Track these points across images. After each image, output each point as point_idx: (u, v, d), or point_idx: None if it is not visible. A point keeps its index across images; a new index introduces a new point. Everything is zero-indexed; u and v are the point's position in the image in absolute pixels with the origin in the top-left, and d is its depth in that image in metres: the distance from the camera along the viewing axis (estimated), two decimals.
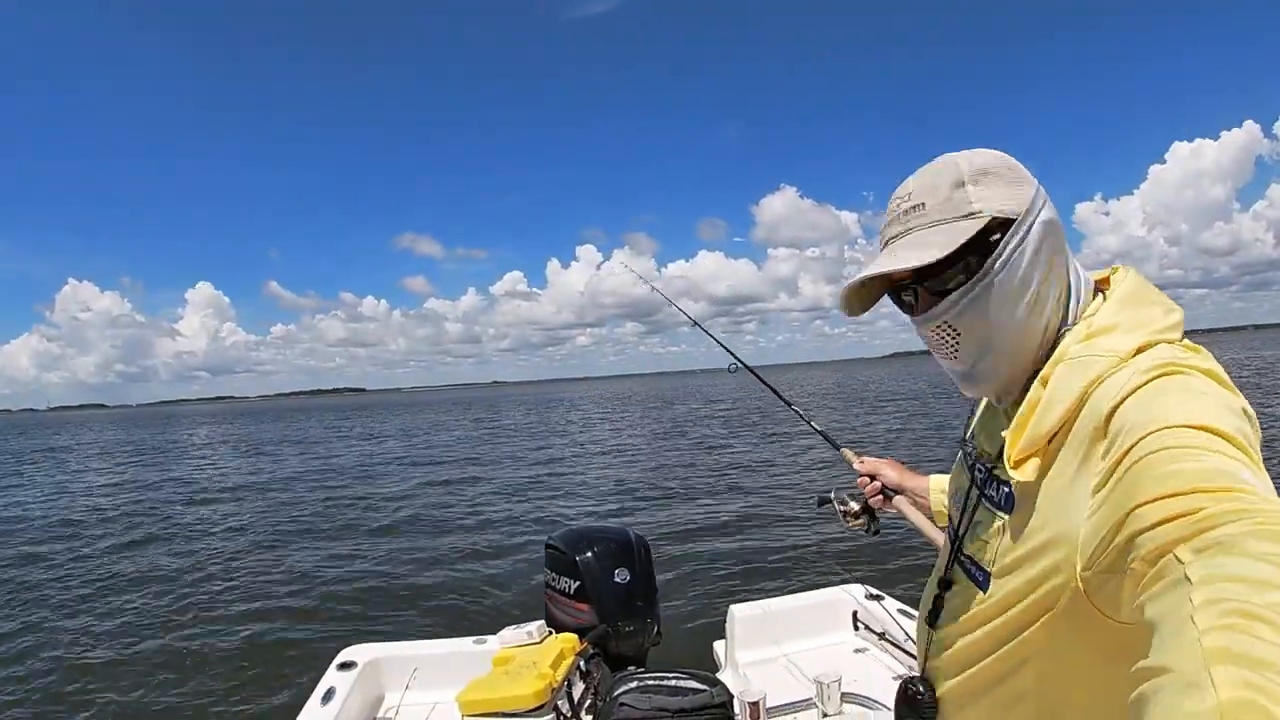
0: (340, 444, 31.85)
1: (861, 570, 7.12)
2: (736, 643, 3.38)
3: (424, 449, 27.35)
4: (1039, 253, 0.96)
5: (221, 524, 13.23)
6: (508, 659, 2.60)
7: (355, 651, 3.27)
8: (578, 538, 3.08)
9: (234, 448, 34.01)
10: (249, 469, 23.28)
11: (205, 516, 14.21)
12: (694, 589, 7.16)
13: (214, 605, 8.05)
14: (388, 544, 10.63)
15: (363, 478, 18.84)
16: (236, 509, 14.91)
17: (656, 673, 2.25)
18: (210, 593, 8.56)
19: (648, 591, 2.99)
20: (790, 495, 11.87)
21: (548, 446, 25.07)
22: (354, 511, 13.71)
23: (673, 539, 9.43)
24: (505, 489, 15.34)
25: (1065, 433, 0.88)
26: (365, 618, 7.29)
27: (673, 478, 15.26)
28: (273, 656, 6.36)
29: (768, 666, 3.24)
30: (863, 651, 3.31)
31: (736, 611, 3.46)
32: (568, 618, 2.93)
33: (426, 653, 3.31)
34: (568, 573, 2.96)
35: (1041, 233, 0.96)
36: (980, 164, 0.98)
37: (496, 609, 7.16)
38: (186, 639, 6.92)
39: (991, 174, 0.97)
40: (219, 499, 16.49)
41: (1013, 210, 0.96)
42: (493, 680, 2.44)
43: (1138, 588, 0.67)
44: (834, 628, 3.49)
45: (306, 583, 8.73)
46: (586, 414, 46.52)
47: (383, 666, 3.22)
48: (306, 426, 48.66)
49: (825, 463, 14.99)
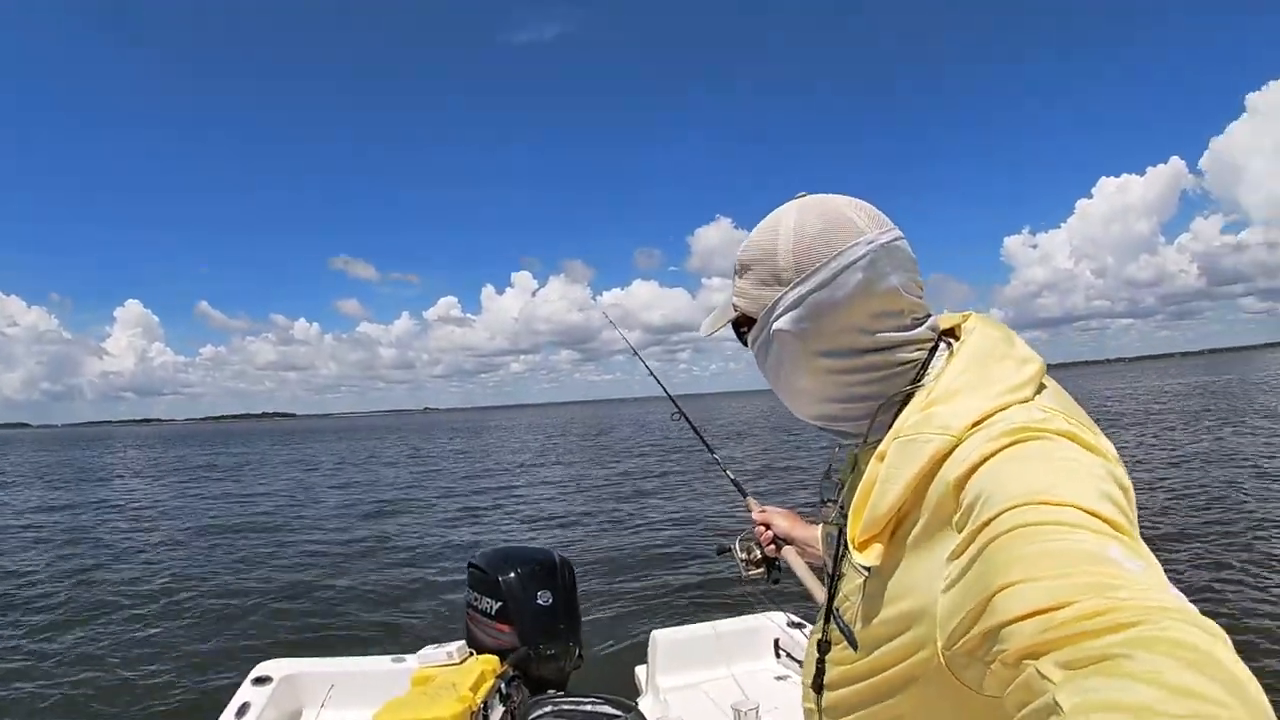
0: (267, 469, 31.00)
1: (785, 599, 7.17)
2: (658, 668, 3.39)
3: (351, 473, 26.87)
4: (774, 356, 1.02)
5: (140, 542, 12.85)
6: (427, 679, 2.57)
7: (271, 666, 3.19)
8: (501, 558, 3.06)
9: (160, 470, 32.84)
10: (172, 491, 22.61)
11: (123, 535, 13.82)
12: (618, 613, 7.15)
13: (126, 619, 7.79)
14: (307, 562, 10.41)
15: (286, 502, 18.44)
16: (155, 529, 14.53)
17: (574, 697, 2.24)
18: (123, 606, 8.30)
19: (570, 614, 2.98)
20: (716, 524, 11.94)
21: (476, 473, 24.85)
22: (274, 530, 13.43)
23: (598, 562, 9.42)
24: (430, 512, 15.18)
25: (914, 503, 0.85)
26: (282, 633, 7.11)
27: (601, 503, 15.25)
28: (186, 670, 6.16)
29: (688, 692, 3.25)
30: (784, 679, 3.34)
31: (659, 636, 3.46)
32: (489, 639, 2.90)
33: (344, 670, 3.25)
34: (490, 593, 2.93)
35: (772, 339, 1.01)
36: (744, 256, 1.05)
37: (416, 628, 7.05)
38: (97, 653, 6.69)
39: (749, 269, 1.04)
40: (138, 519, 16.03)
41: (753, 311, 1.03)
42: (411, 700, 2.40)
43: (1003, 691, 0.64)
44: (756, 655, 3.52)
45: (223, 597, 8.51)
46: (518, 441, 46.15)
47: (299, 683, 3.15)
48: (233, 451, 47.38)
49: (751, 493, 15.09)
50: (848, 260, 0.94)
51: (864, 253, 0.94)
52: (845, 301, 0.95)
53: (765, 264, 1.01)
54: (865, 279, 0.94)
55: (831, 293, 0.95)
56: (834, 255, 0.95)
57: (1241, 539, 8.51)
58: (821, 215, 0.98)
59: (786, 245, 0.99)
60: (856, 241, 0.95)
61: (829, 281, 0.95)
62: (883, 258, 0.95)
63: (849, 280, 0.94)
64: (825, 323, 0.96)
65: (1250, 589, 6.74)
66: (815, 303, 0.96)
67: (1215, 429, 20.81)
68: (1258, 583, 6.90)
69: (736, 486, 2.26)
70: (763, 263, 1.01)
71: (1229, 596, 6.57)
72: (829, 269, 0.95)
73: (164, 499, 20.15)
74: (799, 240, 0.98)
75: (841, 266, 0.95)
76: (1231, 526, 9.11)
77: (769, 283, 1.00)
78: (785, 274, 0.98)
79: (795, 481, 16.23)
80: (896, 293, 0.96)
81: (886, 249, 0.96)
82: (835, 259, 0.95)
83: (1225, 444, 17.32)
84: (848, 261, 0.94)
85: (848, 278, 0.94)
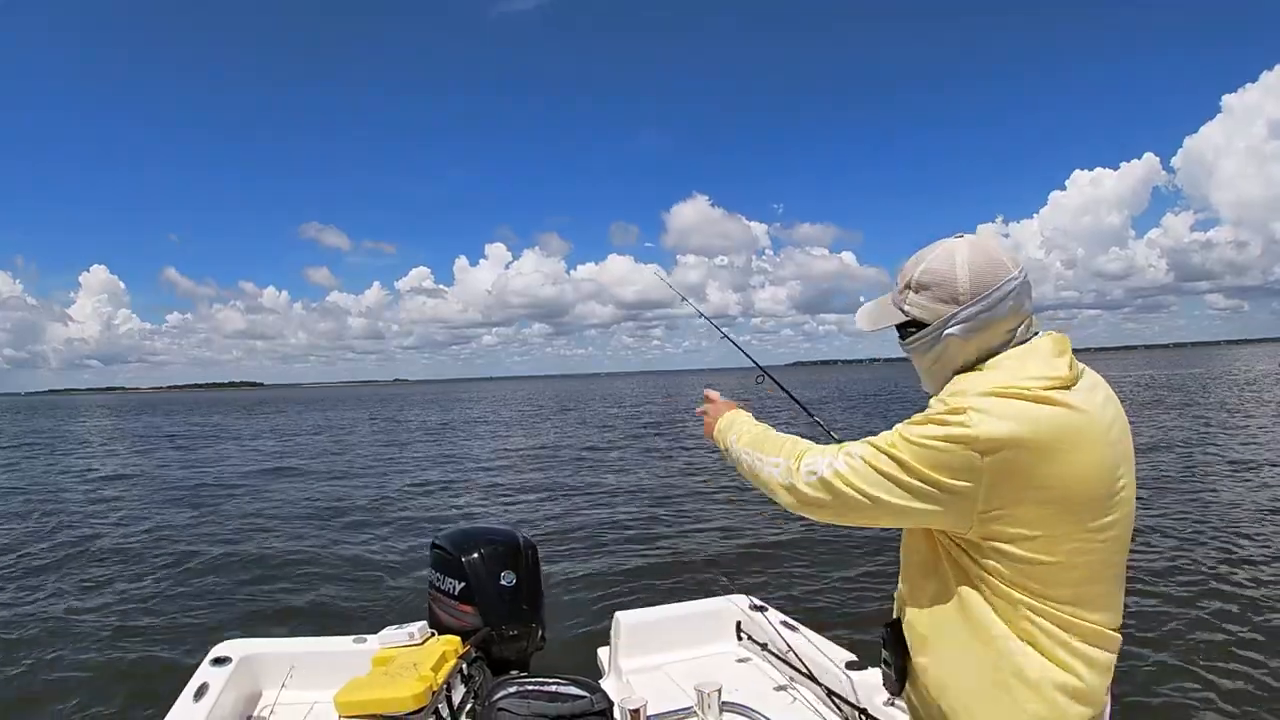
0: (230, 440, 30.50)
1: (747, 581, 7.23)
2: (621, 650, 3.40)
3: (316, 446, 26.61)
4: (937, 352, 1.53)
5: (99, 515, 12.70)
6: (388, 659, 2.56)
7: (230, 647, 3.16)
8: (464, 539, 3.05)
9: (124, 440, 32.39)
10: (131, 462, 22.27)
11: (81, 506, 13.65)
12: (581, 594, 7.15)
13: (82, 595, 7.68)
14: (268, 538, 10.29)
15: (249, 474, 18.20)
16: (115, 501, 14.32)
17: (537, 678, 2.24)
18: (79, 582, 8.19)
19: (533, 595, 2.99)
20: (682, 505, 11.99)
21: (443, 446, 24.74)
22: (234, 506, 13.23)
23: (562, 543, 9.42)
24: (394, 488, 15.05)
25: None
26: (241, 612, 7.02)
27: (566, 482, 15.24)
28: (143, 649, 6.07)
29: (651, 674, 3.27)
30: (745, 661, 3.37)
31: (622, 618, 3.48)
32: (451, 619, 2.90)
33: (304, 650, 3.23)
34: (453, 574, 2.93)
35: (943, 342, 1.50)
36: (923, 278, 1.51)
37: (378, 608, 6.99)
38: (52, 628, 6.58)
39: (926, 288, 1.50)
40: (95, 491, 15.81)
41: (926, 319, 1.51)
42: (372, 681, 2.39)
43: None
44: (718, 637, 3.55)
45: (182, 575, 8.39)
46: (487, 414, 45.98)
47: (258, 663, 3.12)
48: (198, 421, 46.73)
49: (716, 474, 15.22)
50: (1005, 290, 1.44)
51: (1014, 285, 1.44)
52: (999, 319, 1.45)
53: (944, 286, 1.47)
54: (1014, 304, 1.45)
55: (994, 313, 1.44)
56: (997, 285, 1.44)
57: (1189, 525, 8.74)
58: (984, 253, 1.47)
59: (964, 274, 1.45)
60: (1011, 276, 1.45)
61: (994, 305, 1.44)
62: (1022, 289, 1.46)
63: (1005, 305, 1.44)
64: (983, 333, 1.46)
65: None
66: (982, 320, 1.45)
67: (1171, 419, 21.28)
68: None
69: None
70: (942, 285, 1.48)
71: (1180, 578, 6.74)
72: (995, 295, 1.44)
73: (122, 470, 19.82)
74: (975, 272, 1.45)
75: (1003, 295, 1.44)
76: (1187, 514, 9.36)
77: (945, 300, 1.47)
78: (962, 296, 1.45)
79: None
80: (1027, 315, 1.48)
81: (1023, 283, 1.45)
82: (999, 288, 1.44)
83: (1176, 434, 17.73)
84: (1005, 291, 1.44)
85: (1005, 303, 1.44)
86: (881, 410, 32.19)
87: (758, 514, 10.37)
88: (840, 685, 2.81)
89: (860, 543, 8.21)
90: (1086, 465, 1.35)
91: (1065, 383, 1.37)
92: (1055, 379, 1.36)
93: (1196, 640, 5.48)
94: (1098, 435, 1.38)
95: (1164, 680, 4.89)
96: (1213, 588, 6.60)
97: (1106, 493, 1.38)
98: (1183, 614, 5.95)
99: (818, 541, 8.56)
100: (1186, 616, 5.91)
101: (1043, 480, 1.33)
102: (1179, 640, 5.48)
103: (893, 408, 31.25)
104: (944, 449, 1.35)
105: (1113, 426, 1.42)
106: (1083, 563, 1.38)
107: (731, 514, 10.96)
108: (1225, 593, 6.46)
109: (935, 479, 1.36)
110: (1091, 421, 1.37)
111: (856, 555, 8.02)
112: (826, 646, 3.13)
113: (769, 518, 9.98)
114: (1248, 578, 6.85)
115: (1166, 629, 5.66)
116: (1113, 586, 1.45)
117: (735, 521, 10.42)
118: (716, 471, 15.26)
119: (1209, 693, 4.74)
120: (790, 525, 9.34)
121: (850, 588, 7.08)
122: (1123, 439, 1.44)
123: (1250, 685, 4.82)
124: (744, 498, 11.43)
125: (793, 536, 8.96)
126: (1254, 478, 12.10)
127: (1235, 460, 13.75)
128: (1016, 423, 1.31)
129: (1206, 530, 8.65)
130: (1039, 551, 1.36)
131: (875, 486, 1.42)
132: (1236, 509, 9.78)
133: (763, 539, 9.20)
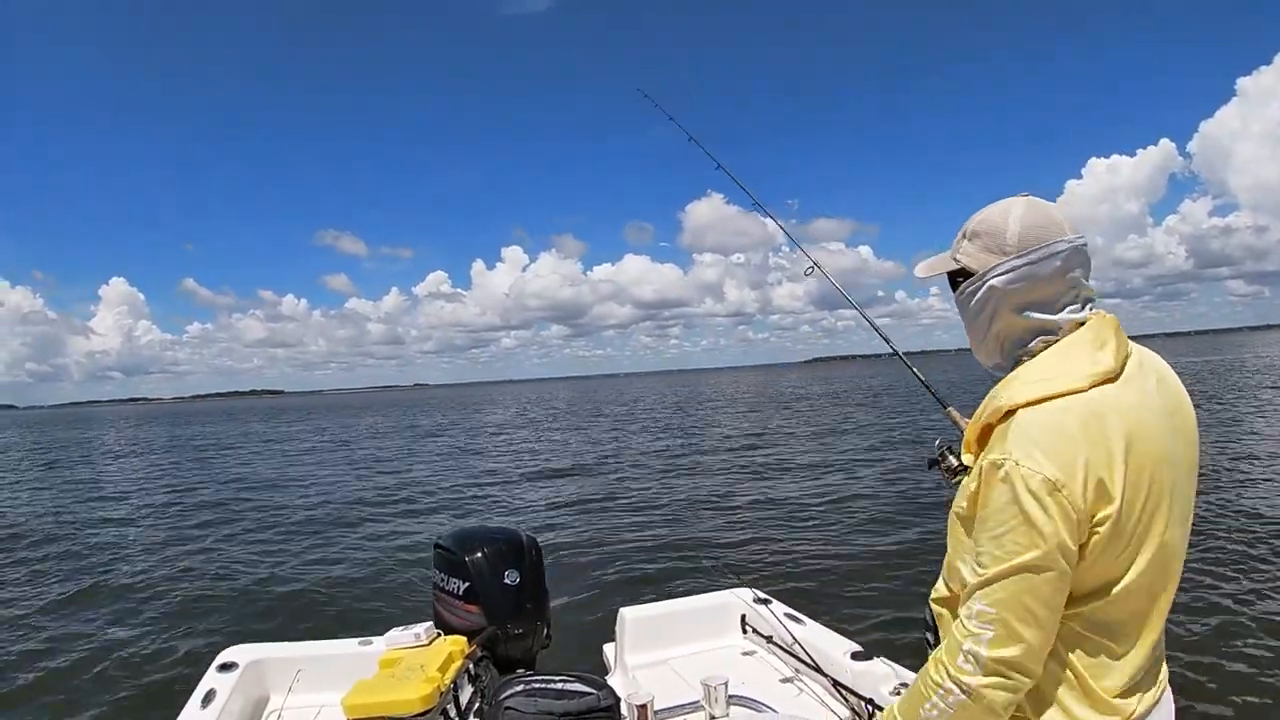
0: (247, 447, 30.59)
1: (751, 574, 7.23)
2: (626, 645, 3.40)
3: (330, 451, 26.65)
4: (980, 302, 1.47)
5: (109, 522, 12.75)
6: (394, 661, 2.56)
7: (236, 652, 3.15)
8: (468, 538, 3.05)
9: (144, 450, 32.33)
10: (148, 470, 22.33)
11: (94, 515, 13.62)
12: (585, 591, 7.15)
13: (87, 602, 7.69)
14: (274, 543, 10.30)
15: (261, 480, 18.20)
16: (126, 508, 14.38)
17: (544, 675, 2.25)
18: (89, 589, 8.20)
19: (538, 593, 2.99)
20: (684, 499, 11.98)
21: (456, 449, 24.76)
22: (243, 511, 13.24)
23: (565, 540, 9.41)
24: (400, 490, 15.05)
25: (982, 439, 1.43)
26: (247, 617, 7.02)
27: (571, 479, 15.26)
28: (149, 656, 6.07)
29: (657, 669, 3.27)
30: (751, 654, 3.37)
31: (627, 614, 3.47)
32: (456, 619, 2.89)
33: (310, 654, 3.23)
34: (457, 574, 2.93)
35: (985, 290, 1.45)
36: (976, 227, 1.48)
37: (383, 610, 6.98)
38: (58, 639, 6.56)
39: (978, 236, 1.47)
40: (110, 500, 15.82)
41: (974, 267, 1.47)
42: (379, 683, 2.39)
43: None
44: (723, 631, 3.55)
45: (188, 580, 8.39)
46: (500, 416, 45.97)
47: (265, 668, 3.12)
48: (218, 430, 46.69)
49: (721, 469, 15.21)
50: (1054, 250, 1.38)
51: (1065, 248, 1.39)
52: (1045, 278, 1.39)
53: (994, 236, 1.44)
54: (1061, 266, 1.39)
55: (1037, 269, 1.39)
56: (1047, 243, 1.39)
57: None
58: (1042, 212, 1.43)
59: (1015, 227, 1.42)
60: (1063, 237, 1.39)
61: (1039, 261, 1.39)
62: (1074, 255, 1.40)
63: (1051, 264, 1.39)
64: (1025, 287, 1.40)
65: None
66: (1025, 273, 1.40)
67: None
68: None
69: (944, 407, 2.20)
70: (992, 235, 1.44)
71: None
72: (1041, 252, 1.39)
73: (138, 479, 19.82)
74: (1025, 226, 1.41)
75: (1050, 253, 1.38)
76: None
77: (993, 250, 1.44)
78: (1009, 247, 1.41)
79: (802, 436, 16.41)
80: (1078, 281, 1.41)
81: (1077, 249, 1.40)
82: (1047, 246, 1.39)
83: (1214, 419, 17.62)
84: (1054, 250, 1.38)
85: (1051, 262, 1.39)
86: (903, 405, 31.71)
87: (760, 507, 10.38)
88: (846, 676, 2.81)
89: (863, 533, 8.21)
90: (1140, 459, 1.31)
91: (1107, 376, 1.33)
92: (1097, 374, 1.32)
93: (1226, 628, 5.39)
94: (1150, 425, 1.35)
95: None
96: (1231, 578, 6.47)
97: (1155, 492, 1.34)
98: (1211, 604, 5.85)
99: (820, 534, 8.57)
100: (1217, 608, 5.77)
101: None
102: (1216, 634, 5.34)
103: (914, 400, 30.91)
104: (1030, 512, 1.25)
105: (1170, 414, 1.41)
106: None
107: (734, 508, 10.97)
108: (1242, 585, 6.38)
109: (1058, 537, 1.24)
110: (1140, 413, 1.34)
111: (860, 546, 8.02)
112: (832, 638, 3.13)
113: (771, 511, 9.99)
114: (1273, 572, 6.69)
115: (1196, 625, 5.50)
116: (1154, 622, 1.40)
117: (738, 515, 10.43)
118: (717, 469, 15.27)
119: (1230, 684, 4.63)
120: (792, 518, 9.35)
121: (854, 578, 7.08)
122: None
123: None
124: (746, 492, 11.43)
125: (796, 529, 8.96)
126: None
127: (1262, 450, 13.33)
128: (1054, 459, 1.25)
129: (1234, 520, 8.50)
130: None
131: (1031, 611, 1.26)
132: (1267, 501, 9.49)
133: (765, 532, 9.21)
